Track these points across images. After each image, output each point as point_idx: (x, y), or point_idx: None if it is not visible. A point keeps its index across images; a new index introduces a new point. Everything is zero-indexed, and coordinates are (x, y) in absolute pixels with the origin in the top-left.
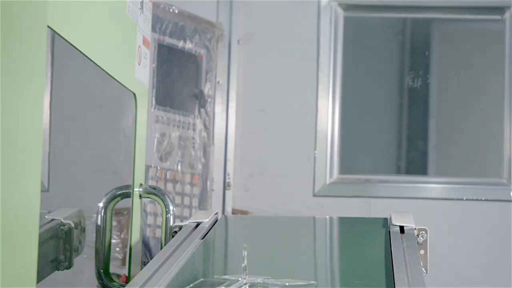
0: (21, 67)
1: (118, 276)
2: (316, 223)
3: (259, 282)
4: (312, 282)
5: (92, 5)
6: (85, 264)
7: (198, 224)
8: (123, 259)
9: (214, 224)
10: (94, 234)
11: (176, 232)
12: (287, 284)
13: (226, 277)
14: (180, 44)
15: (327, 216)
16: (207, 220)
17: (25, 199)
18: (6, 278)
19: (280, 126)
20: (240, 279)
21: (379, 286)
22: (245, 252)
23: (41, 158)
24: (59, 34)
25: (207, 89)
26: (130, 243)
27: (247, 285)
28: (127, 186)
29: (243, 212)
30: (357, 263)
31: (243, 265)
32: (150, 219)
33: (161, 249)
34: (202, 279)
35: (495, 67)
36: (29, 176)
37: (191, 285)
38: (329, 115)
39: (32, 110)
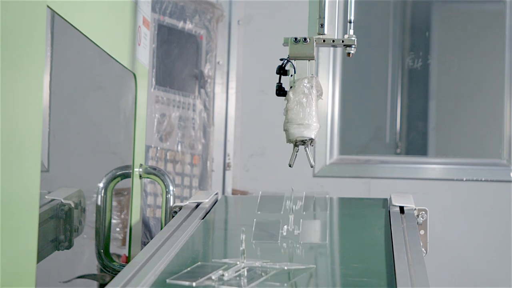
0: (21, 47)
1: (118, 256)
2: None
3: (257, 266)
4: (311, 266)
5: None
6: (85, 244)
7: (198, 205)
8: (123, 239)
9: (214, 205)
10: (94, 214)
11: (176, 212)
12: (285, 268)
13: (225, 260)
14: (180, 24)
15: (327, 196)
16: (207, 200)
17: (25, 179)
18: (7, 258)
19: (279, 106)
20: (238, 263)
21: (379, 266)
22: (243, 236)
23: (41, 138)
24: (58, 14)
25: (207, 69)
26: (130, 223)
27: (245, 269)
28: (127, 167)
29: (243, 193)
30: (357, 243)
31: (241, 248)
32: (150, 199)
33: (161, 229)
34: (199, 262)
35: (496, 48)
36: (29, 156)
37: (189, 268)
38: (329, 95)
39: (32, 90)
